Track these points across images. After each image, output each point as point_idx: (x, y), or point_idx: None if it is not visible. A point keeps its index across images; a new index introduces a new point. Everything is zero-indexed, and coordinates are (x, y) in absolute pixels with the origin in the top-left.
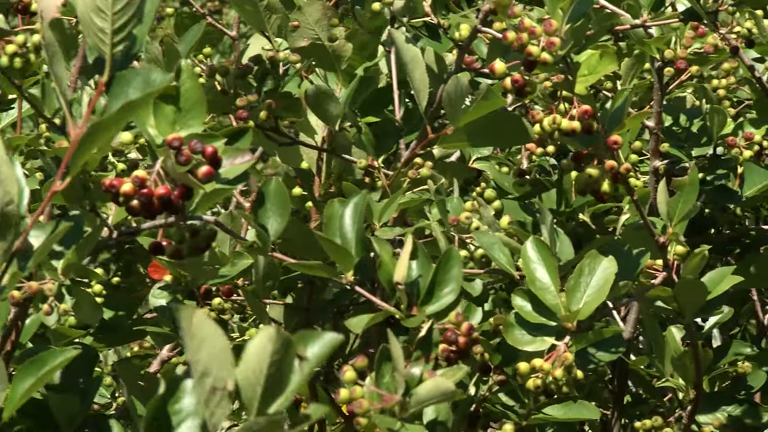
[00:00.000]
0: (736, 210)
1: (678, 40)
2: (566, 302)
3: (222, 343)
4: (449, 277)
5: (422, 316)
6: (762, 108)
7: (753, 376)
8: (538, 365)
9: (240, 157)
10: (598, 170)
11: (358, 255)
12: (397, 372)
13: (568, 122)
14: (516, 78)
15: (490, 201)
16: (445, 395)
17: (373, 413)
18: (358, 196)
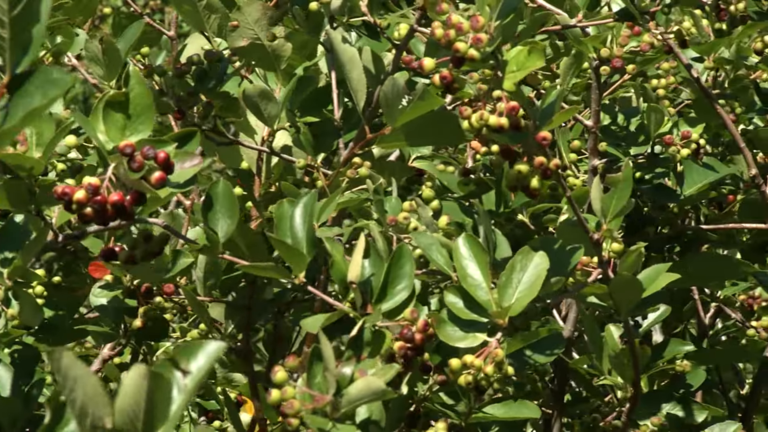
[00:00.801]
0: (675, 209)
1: (614, 39)
2: (498, 298)
3: (94, 382)
4: (402, 274)
5: (377, 314)
6: (701, 107)
7: (692, 375)
8: (470, 361)
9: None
10: (527, 166)
11: (310, 255)
12: (328, 372)
13: (496, 119)
14: (444, 74)
15: (429, 201)
16: (376, 394)
17: (305, 413)
18: (307, 196)
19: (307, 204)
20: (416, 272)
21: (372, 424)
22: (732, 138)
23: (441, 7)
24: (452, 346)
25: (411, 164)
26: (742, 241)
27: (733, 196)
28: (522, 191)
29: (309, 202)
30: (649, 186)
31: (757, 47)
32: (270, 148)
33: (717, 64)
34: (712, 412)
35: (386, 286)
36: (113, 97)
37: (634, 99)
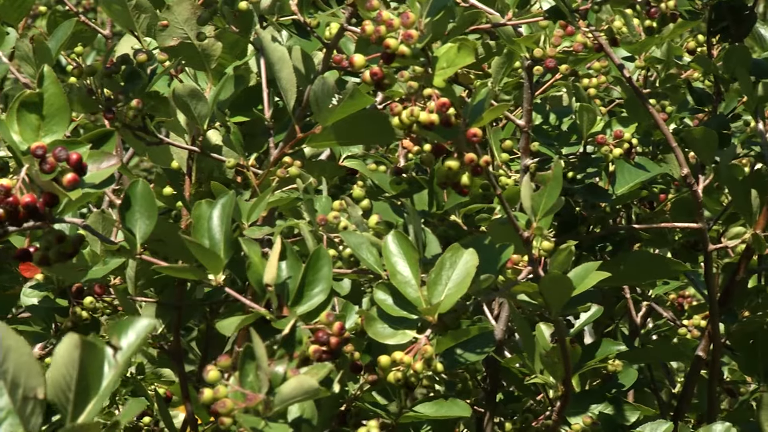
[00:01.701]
0: (606, 208)
1: (547, 39)
2: (427, 295)
3: (27, 352)
4: (319, 277)
5: (293, 316)
6: (632, 107)
7: (623, 375)
8: (399, 358)
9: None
10: (458, 163)
11: (227, 256)
12: (260, 371)
13: (426, 115)
14: (375, 71)
15: (359, 200)
16: (308, 393)
17: (237, 413)
18: (225, 197)
19: (226, 205)
20: (346, 271)
21: (304, 422)
22: (664, 137)
23: (371, 4)
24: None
25: (341, 163)
26: (673, 241)
27: (665, 195)
28: (452, 188)
29: (227, 203)
30: (581, 185)
31: (689, 46)
32: (200, 148)
33: (648, 64)
34: (643, 412)
35: (303, 289)
36: (28, 97)
37: (566, 98)
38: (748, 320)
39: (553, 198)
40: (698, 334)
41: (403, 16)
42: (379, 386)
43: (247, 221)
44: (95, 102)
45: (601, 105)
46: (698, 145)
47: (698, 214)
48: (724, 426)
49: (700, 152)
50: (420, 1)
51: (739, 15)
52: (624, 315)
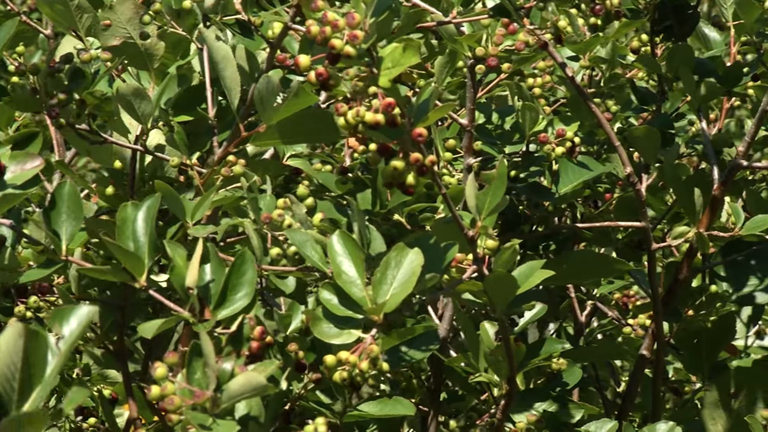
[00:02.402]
0: (550, 207)
1: (489, 38)
2: (373, 295)
3: None
4: (242, 281)
5: (214, 320)
6: (575, 105)
7: (568, 373)
8: (345, 358)
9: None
10: (403, 163)
11: (151, 259)
12: (208, 367)
13: (372, 115)
14: (320, 71)
15: (303, 198)
16: (256, 390)
17: (185, 409)
18: (151, 199)
19: (151, 207)
20: (290, 269)
21: (251, 420)
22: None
23: (316, 5)
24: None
25: (285, 162)
26: (617, 240)
27: (610, 194)
28: (398, 188)
29: (152, 205)
30: (524, 184)
31: (633, 46)
32: (144, 147)
33: (593, 63)
34: (587, 410)
35: (226, 293)
36: None
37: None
38: (692, 319)
39: (497, 197)
40: (642, 333)
41: (348, 16)
42: (324, 385)
43: (191, 220)
44: (38, 101)
45: (545, 104)
46: (641, 144)
47: (642, 213)
48: (668, 425)
49: (644, 151)
50: (365, 2)
51: (682, 14)
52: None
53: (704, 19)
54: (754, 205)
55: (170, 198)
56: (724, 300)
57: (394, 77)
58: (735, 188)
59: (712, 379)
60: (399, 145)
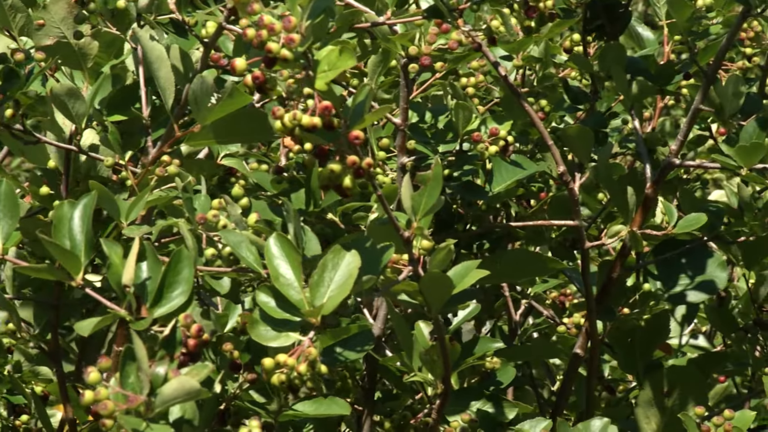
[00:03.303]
0: (483, 206)
1: (422, 37)
2: (310, 298)
3: None
4: (179, 279)
5: (151, 318)
6: (508, 105)
7: (502, 372)
8: (283, 361)
9: None
10: (340, 165)
11: (87, 257)
12: (141, 372)
13: (309, 118)
14: (256, 75)
15: (238, 199)
16: (190, 394)
17: (119, 414)
18: (87, 197)
19: (87, 206)
20: (225, 270)
21: (185, 423)
22: (540, 135)
23: (252, 8)
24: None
25: (220, 162)
26: (551, 238)
27: (544, 193)
28: (334, 191)
29: (89, 203)
30: (458, 183)
31: (566, 45)
32: (78, 147)
33: (526, 62)
34: (522, 409)
35: (163, 291)
36: None
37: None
38: (626, 318)
39: (433, 198)
40: (576, 332)
41: (284, 20)
42: (259, 385)
43: (125, 220)
44: None
45: (479, 104)
46: (575, 143)
47: (575, 212)
48: (602, 422)
49: (577, 150)
50: (301, 5)
51: (613, 13)
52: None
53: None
54: (687, 204)
55: (105, 198)
56: (658, 299)
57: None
58: (668, 187)
59: (646, 378)
60: (335, 147)
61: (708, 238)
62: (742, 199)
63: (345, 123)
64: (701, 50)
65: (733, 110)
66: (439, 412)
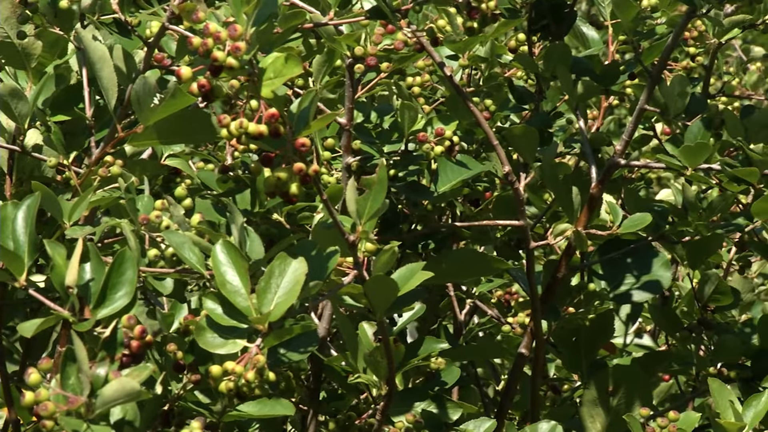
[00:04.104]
0: (429, 206)
1: (368, 37)
2: (257, 304)
3: None
4: (123, 281)
5: (94, 319)
6: (453, 105)
7: (446, 372)
8: (231, 368)
9: None
10: (286, 172)
11: (31, 258)
12: (82, 373)
13: (255, 126)
14: (202, 83)
15: (181, 199)
16: (130, 395)
17: (59, 415)
18: (31, 198)
19: (31, 207)
20: (168, 270)
21: (126, 424)
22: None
23: (197, 16)
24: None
25: (164, 162)
26: (496, 238)
27: (490, 193)
28: (281, 197)
29: (32, 204)
30: (403, 183)
31: (511, 45)
32: (21, 147)
33: (471, 62)
34: (466, 409)
35: (106, 292)
36: None
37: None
38: (570, 317)
39: (378, 202)
40: (521, 331)
41: (230, 28)
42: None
43: (68, 221)
44: None
45: (425, 104)
46: (520, 143)
47: (520, 212)
48: (550, 425)
49: (522, 150)
50: (246, 13)
51: (558, 13)
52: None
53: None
54: (632, 203)
55: (48, 198)
56: (602, 298)
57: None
58: (613, 187)
59: (591, 377)
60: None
61: (653, 237)
62: (686, 199)
63: (291, 130)
64: (646, 50)
65: (677, 110)
66: (384, 413)
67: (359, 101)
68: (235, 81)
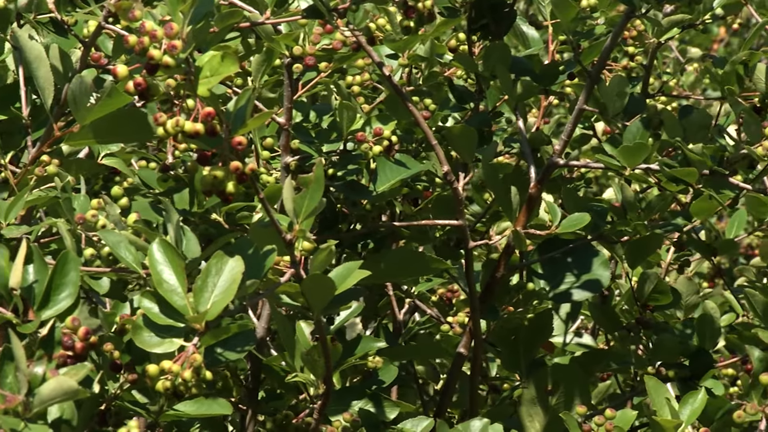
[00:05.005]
0: (367, 206)
1: (306, 37)
2: (194, 303)
3: None
4: (66, 282)
5: (38, 321)
6: (392, 104)
7: (384, 371)
8: (167, 367)
9: None
10: (223, 171)
11: None
12: (19, 372)
13: (191, 125)
14: (138, 81)
15: (117, 199)
16: (68, 394)
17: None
18: None
19: None
20: (104, 270)
21: (64, 423)
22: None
23: (134, 15)
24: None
25: (101, 162)
26: (434, 238)
27: (429, 192)
28: (217, 196)
29: None
30: (341, 183)
31: (451, 45)
32: None
33: (411, 62)
34: (404, 408)
35: (50, 293)
36: None
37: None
38: (509, 317)
39: (315, 200)
40: (461, 330)
41: (166, 27)
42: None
43: (5, 220)
44: None
45: (365, 102)
46: (459, 142)
47: (459, 212)
48: (482, 423)
49: (461, 150)
50: (182, 11)
51: (498, 13)
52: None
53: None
54: (570, 203)
55: None
56: (541, 297)
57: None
58: (552, 186)
59: (530, 376)
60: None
61: (592, 237)
62: (625, 199)
63: (227, 128)
64: (585, 50)
65: (616, 110)
66: (321, 412)
67: (298, 101)
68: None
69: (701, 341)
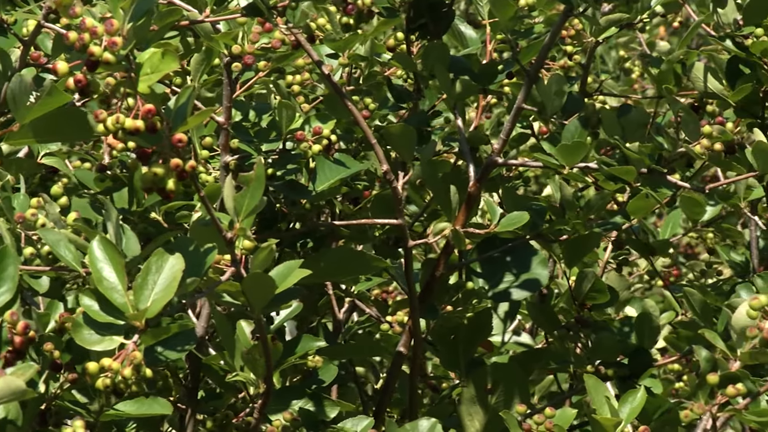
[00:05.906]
0: (307, 205)
1: (245, 36)
2: (134, 301)
3: None
4: (5, 276)
5: None
6: (331, 103)
7: (324, 370)
8: (107, 365)
9: None
10: (163, 168)
11: None
12: None
13: (132, 122)
14: (79, 78)
15: (57, 198)
16: (16, 394)
17: None
18: None
19: None
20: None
21: (9, 423)
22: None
23: (74, 11)
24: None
25: (40, 161)
26: (374, 237)
27: (369, 191)
28: (157, 193)
29: None
30: (281, 182)
31: (389, 44)
32: None
33: (351, 61)
34: (344, 407)
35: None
36: None
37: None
38: (449, 316)
39: (255, 199)
40: (400, 330)
41: (107, 23)
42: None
43: None
44: None
45: (305, 102)
46: (398, 141)
47: (398, 211)
48: (430, 422)
49: (400, 149)
50: (123, 7)
51: (437, 12)
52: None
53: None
54: (509, 202)
55: None
56: (481, 296)
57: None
58: (491, 185)
59: (469, 376)
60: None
61: (530, 236)
62: (563, 198)
63: (168, 126)
64: (523, 49)
65: (555, 109)
66: (261, 411)
67: (237, 100)
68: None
69: (640, 340)
